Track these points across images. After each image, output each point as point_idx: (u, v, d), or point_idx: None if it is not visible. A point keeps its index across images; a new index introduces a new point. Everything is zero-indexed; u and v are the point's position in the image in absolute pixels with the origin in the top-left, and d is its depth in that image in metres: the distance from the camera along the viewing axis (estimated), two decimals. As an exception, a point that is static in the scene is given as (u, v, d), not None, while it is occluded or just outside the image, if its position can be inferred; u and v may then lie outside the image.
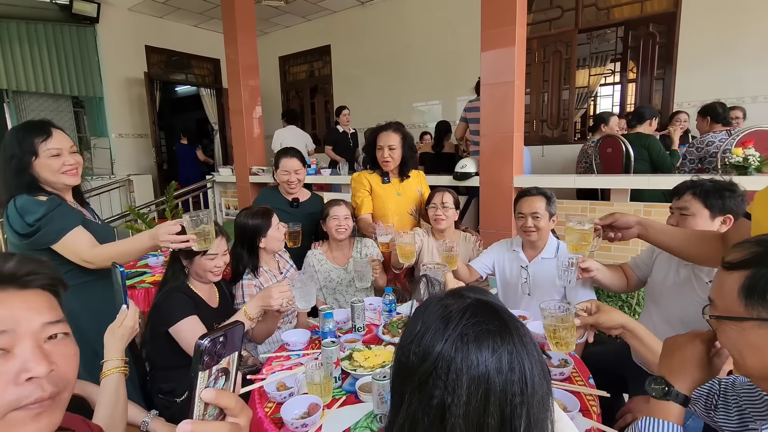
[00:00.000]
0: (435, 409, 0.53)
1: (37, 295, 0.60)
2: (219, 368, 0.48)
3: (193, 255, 1.59)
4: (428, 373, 0.54)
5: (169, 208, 4.18)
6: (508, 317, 0.58)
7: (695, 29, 4.24)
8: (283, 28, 7.41)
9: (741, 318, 0.65)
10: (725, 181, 1.45)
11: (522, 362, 0.53)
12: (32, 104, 5.76)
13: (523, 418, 0.52)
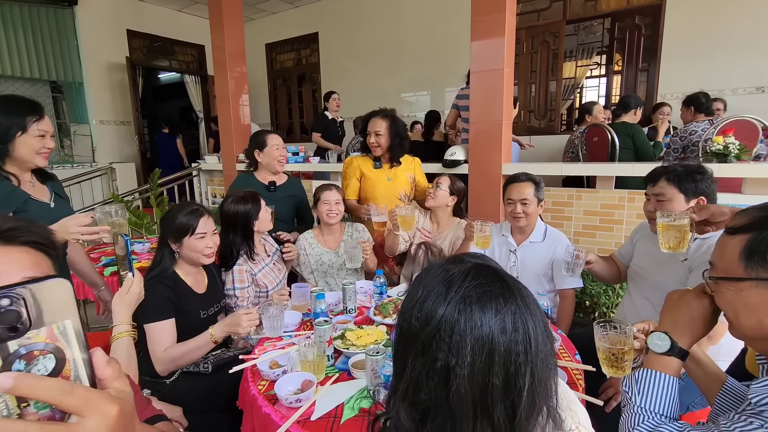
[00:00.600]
0: (439, 372, 0.53)
1: (23, 252, 0.58)
2: (28, 345, 0.34)
3: (182, 237, 1.57)
4: (431, 336, 0.54)
5: (154, 196, 4.10)
6: (510, 279, 0.58)
7: (680, 21, 4.31)
8: (270, 15, 7.28)
9: (740, 278, 0.67)
10: (694, 165, 1.50)
11: (525, 322, 0.53)
12: (8, 88, 5.55)
13: (527, 376, 0.52)
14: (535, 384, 0.52)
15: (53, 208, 1.51)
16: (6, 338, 0.33)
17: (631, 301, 1.71)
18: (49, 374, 0.35)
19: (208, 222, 1.60)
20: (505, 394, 0.52)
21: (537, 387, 0.52)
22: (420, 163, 2.59)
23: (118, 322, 1.10)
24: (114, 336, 1.09)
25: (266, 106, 7.81)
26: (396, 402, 0.57)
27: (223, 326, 1.50)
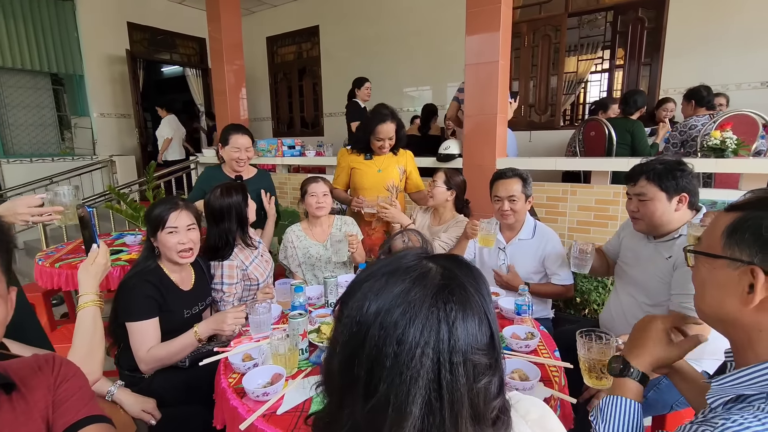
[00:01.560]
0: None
1: None
2: None
3: (156, 231, 1.54)
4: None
5: (150, 189, 4.10)
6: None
7: (683, 15, 4.22)
8: (271, 8, 7.24)
9: (716, 255, 0.65)
10: (674, 160, 1.45)
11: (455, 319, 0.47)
12: (9, 80, 5.57)
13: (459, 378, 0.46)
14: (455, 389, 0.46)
15: None
16: None
17: (617, 298, 1.68)
18: None
19: (180, 216, 1.55)
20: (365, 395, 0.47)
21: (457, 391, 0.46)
22: (412, 156, 2.56)
23: (84, 292, 1.10)
24: (79, 306, 1.08)
25: (267, 100, 7.79)
26: None
27: (209, 324, 1.49)
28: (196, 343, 1.48)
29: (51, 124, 6.06)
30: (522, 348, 1.28)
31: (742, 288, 0.62)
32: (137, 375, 1.49)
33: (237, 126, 2.40)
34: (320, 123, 7.17)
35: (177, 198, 1.65)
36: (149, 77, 7.96)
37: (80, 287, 1.10)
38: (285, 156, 4.32)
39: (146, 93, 6.94)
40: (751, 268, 0.60)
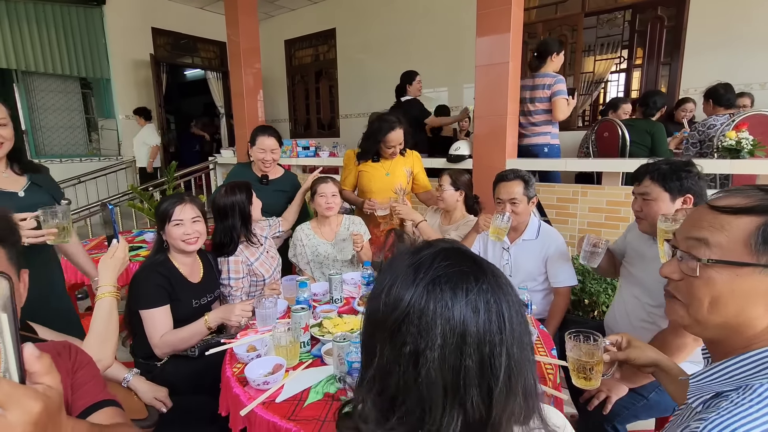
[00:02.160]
0: (408, 357, 0.50)
1: None
2: None
3: (164, 225, 1.63)
4: (399, 320, 0.51)
5: (170, 189, 4.24)
6: (481, 259, 0.55)
7: (704, 12, 4.12)
8: (289, 11, 7.37)
9: (746, 264, 0.60)
10: (680, 161, 1.44)
11: (499, 301, 0.51)
12: (41, 85, 5.85)
13: (503, 356, 0.50)
14: (512, 365, 0.50)
15: (22, 197, 1.51)
16: None
17: (621, 298, 1.67)
18: None
19: (184, 209, 1.63)
20: (480, 377, 0.49)
21: (513, 367, 0.50)
22: (419, 157, 2.58)
23: (102, 283, 1.17)
24: (98, 296, 1.16)
25: (285, 102, 7.93)
26: (362, 391, 0.56)
27: (218, 314, 1.58)
28: (205, 330, 1.56)
29: (79, 126, 6.33)
30: (518, 345, 1.29)
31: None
32: (151, 363, 1.57)
33: (265, 127, 2.45)
34: (336, 125, 7.26)
35: (182, 193, 1.74)
36: (172, 80, 8.22)
37: (100, 279, 1.18)
38: (300, 157, 4.40)
39: (169, 96, 7.18)
40: None
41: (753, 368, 0.58)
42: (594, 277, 2.35)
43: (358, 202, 2.47)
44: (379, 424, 0.52)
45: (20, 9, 5.42)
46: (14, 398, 0.37)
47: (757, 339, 0.61)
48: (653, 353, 0.99)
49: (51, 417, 0.40)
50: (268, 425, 1.02)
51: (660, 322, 1.50)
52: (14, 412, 0.36)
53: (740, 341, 0.62)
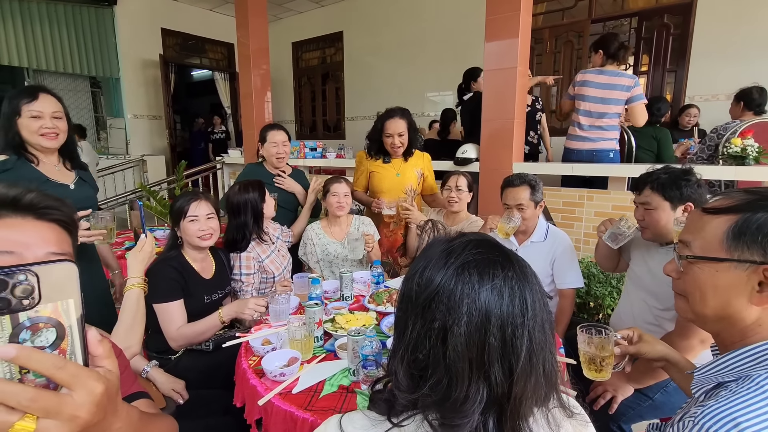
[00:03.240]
0: (436, 332, 0.55)
1: (50, 228, 0.64)
2: (35, 318, 0.38)
3: (179, 221, 1.66)
4: (430, 298, 0.56)
5: (179, 187, 4.30)
6: (509, 251, 0.60)
7: (711, 20, 4.15)
8: (297, 14, 7.45)
9: (722, 259, 0.66)
10: (680, 169, 1.45)
11: (522, 288, 0.55)
12: (51, 83, 5.93)
13: (524, 338, 0.54)
14: (533, 346, 0.54)
15: (73, 190, 1.63)
16: (18, 309, 0.37)
17: (628, 301, 1.69)
18: (50, 345, 0.39)
19: (199, 206, 1.67)
20: (503, 354, 0.54)
21: (534, 348, 0.54)
22: (430, 159, 2.61)
23: (131, 275, 1.23)
24: (126, 287, 1.21)
25: (291, 104, 8.00)
26: (395, 362, 0.60)
27: (232, 308, 1.61)
28: (219, 324, 1.60)
29: (88, 125, 6.40)
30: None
31: (751, 287, 0.63)
32: (164, 356, 1.60)
33: (273, 124, 2.53)
34: (342, 126, 7.31)
35: (198, 190, 1.78)
36: (180, 80, 8.30)
37: (129, 271, 1.24)
38: (307, 158, 4.45)
39: (177, 96, 7.25)
40: (764, 268, 0.62)
41: (753, 360, 0.62)
42: (599, 280, 2.38)
43: (369, 203, 2.50)
44: (410, 392, 0.57)
45: (33, 8, 5.50)
46: (80, 379, 0.39)
47: (751, 331, 0.65)
48: (663, 347, 1.03)
49: (110, 398, 0.42)
50: (285, 415, 1.05)
51: (666, 325, 1.53)
52: (80, 392, 0.39)
53: (735, 333, 0.67)
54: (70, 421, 0.38)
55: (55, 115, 1.54)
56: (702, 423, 0.57)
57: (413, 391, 0.57)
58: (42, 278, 0.39)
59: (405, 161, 2.48)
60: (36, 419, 0.36)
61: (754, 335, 0.64)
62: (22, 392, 0.36)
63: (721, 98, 4.10)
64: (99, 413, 0.40)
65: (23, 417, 0.36)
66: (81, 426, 0.39)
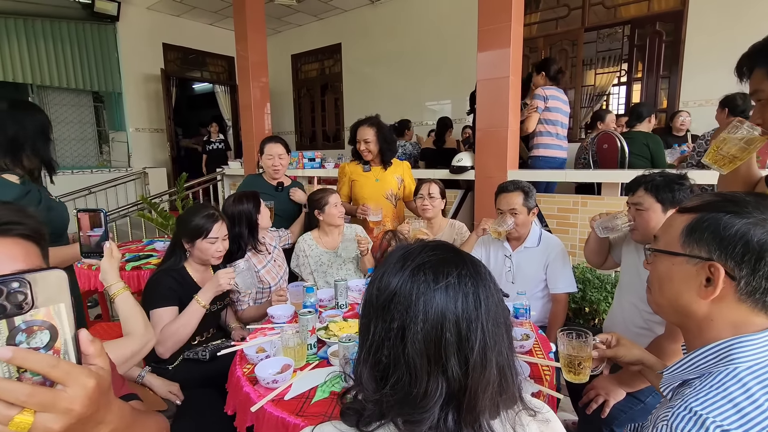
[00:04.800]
0: (395, 331, 0.57)
1: (14, 243, 0.62)
2: (29, 321, 0.42)
3: (196, 238, 1.68)
4: (389, 300, 0.59)
5: (180, 199, 4.35)
6: (465, 253, 0.63)
7: (702, 27, 4.21)
8: (296, 27, 7.57)
9: (676, 253, 0.71)
10: (675, 174, 1.49)
11: (476, 285, 0.58)
12: (55, 98, 6.03)
13: (478, 332, 0.56)
14: (487, 339, 0.57)
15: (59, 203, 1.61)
16: (13, 314, 0.41)
17: (619, 306, 1.71)
18: (44, 346, 0.42)
19: (221, 228, 1.70)
20: (459, 348, 0.56)
21: (488, 342, 0.57)
22: (409, 167, 2.70)
23: (112, 282, 1.21)
24: (114, 294, 1.21)
25: (291, 115, 8.09)
26: (360, 367, 0.62)
27: (208, 289, 1.62)
28: (201, 310, 1.60)
29: (91, 139, 6.50)
30: (517, 348, 1.34)
31: (699, 282, 0.67)
32: (162, 366, 1.62)
33: (271, 137, 2.60)
34: (341, 136, 7.39)
35: (213, 208, 1.78)
36: (181, 94, 8.41)
37: (108, 279, 1.22)
38: (306, 168, 4.50)
39: (178, 109, 7.35)
40: (710, 264, 0.65)
41: (714, 357, 0.64)
42: (595, 285, 2.39)
43: (353, 210, 2.57)
44: (375, 392, 0.60)
45: (37, 26, 5.62)
46: (73, 376, 0.42)
47: (705, 326, 0.68)
48: (639, 351, 1.06)
49: (102, 393, 0.46)
50: (278, 421, 1.07)
51: (656, 329, 1.54)
52: (73, 388, 0.42)
53: (693, 327, 0.70)
54: (64, 414, 0.41)
55: None
56: (673, 425, 0.59)
57: (377, 392, 0.59)
58: (34, 285, 0.42)
59: (384, 169, 2.57)
60: (33, 413, 0.40)
61: (710, 331, 0.67)
62: (20, 389, 0.39)
63: (715, 103, 4.12)
64: (92, 406, 0.43)
65: (22, 411, 0.39)
66: (75, 418, 0.42)
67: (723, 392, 0.59)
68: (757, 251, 0.62)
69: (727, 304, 0.65)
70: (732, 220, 0.64)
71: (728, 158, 1.07)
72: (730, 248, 0.64)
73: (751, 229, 0.63)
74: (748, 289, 0.63)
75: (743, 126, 1.06)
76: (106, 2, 5.90)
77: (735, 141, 1.05)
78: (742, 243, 0.63)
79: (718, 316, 0.67)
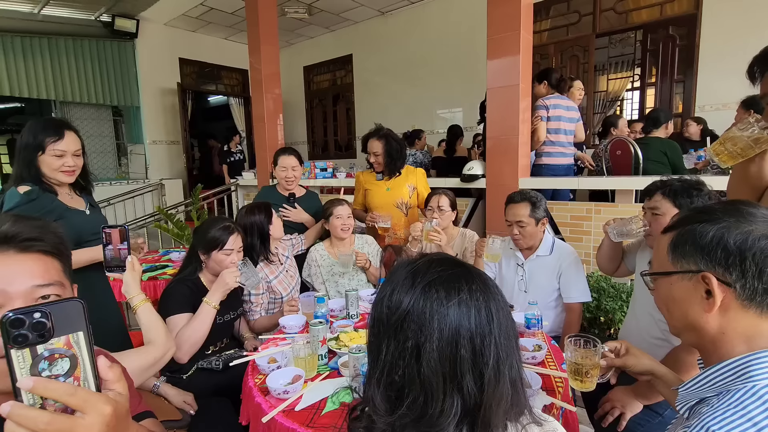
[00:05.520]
0: (410, 350, 0.57)
1: (35, 260, 0.65)
2: (51, 349, 0.44)
3: (211, 250, 1.72)
4: (401, 319, 0.58)
5: (195, 210, 4.43)
6: (472, 267, 0.63)
7: (717, 31, 4.15)
8: (308, 39, 7.70)
9: (667, 272, 0.71)
10: (693, 180, 1.46)
11: (487, 299, 0.58)
12: (77, 113, 6.23)
13: (492, 346, 0.56)
14: (500, 353, 0.57)
15: (89, 216, 1.69)
16: (36, 342, 0.44)
17: (634, 315, 1.68)
18: (65, 373, 0.45)
19: (236, 240, 1.74)
20: (474, 364, 0.56)
21: (501, 356, 0.57)
22: (423, 174, 2.71)
23: (134, 294, 1.27)
24: (136, 305, 1.26)
25: (304, 125, 8.20)
26: (372, 388, 0.61)
27: (216, 289, 1.64)
28: (212, 311, 1.62)
29: (110, 151, 6.69)
30: (529, 360, 1.33)
31: (700, 295, 0.66)
32: (177, 375, 1.65)
33: (284, 148, 2.63)
34: (353, 146, 7.45)
35: (229, 220, 1.82)
36: (197, 106, 8.61)
37: (130, 291, 1.28)
38: (318, 178, 4.54)
39: (193, 121, 7.52)
40: (702, 275, 0.65)
41: (732, 374, 0.63)
42: (610, 294, 2.35)
43: (363, 218, 2.62)
44: (389, 414, 0.59)
45: (61, 44, 5.85)
46: (90, 403, 0.44)
47: (719, 341, 0.66)
48: (649, 361, 1.04)
49: (120, 419, 0.48)
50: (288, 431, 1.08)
51: (673, 340, 1.50)
52: (91, 415, 0.44)
53: (708, 344, 0.68)
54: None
55: (77, 153, 1.59)
56: None
57: (391, 413, 0.58)
58: (54, 315, 0.45)
59: (392, 177, 2.60)
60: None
61: (724, 345, 0.66)
62: (39, 417, 0.42)
63: (731, 107, 4.05)
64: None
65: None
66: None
67: (742, 410, 0.57)
68: (738, 253, 0.62)
69: (734, 313, 0.64)
70: (705, 228, 0.65)
71: (732, 153, 1.06)
72: (713, 255, 0.64)
73: (725, 233, 0.64)
74: (746, 293, 0.63)
75: (755, 124, 1.05)
76: (126, 20, 6.10)
77: (742, 137, 1.04)
78: (721, 247, 0.64)
79: (728, 327, 0.65)
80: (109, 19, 5.99)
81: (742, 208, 0.66)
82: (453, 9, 5.89)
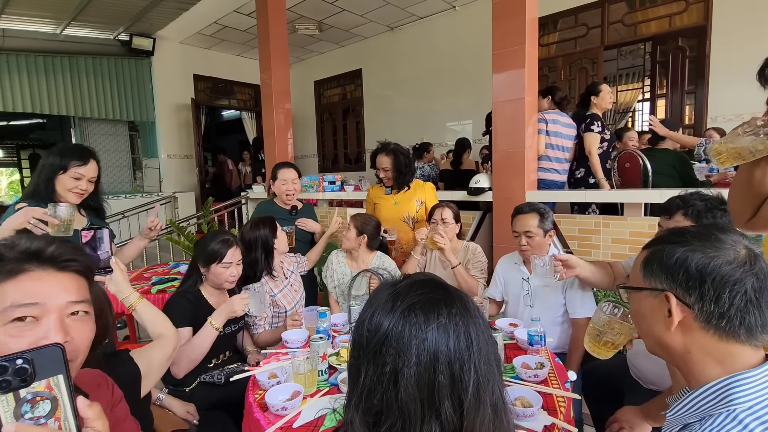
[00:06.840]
0: (388, 376, 0.55)
1: (70, 278, 0.70)
2: (33, 392, 0.47)
3: (210, 263, 1.74)
4: (380, 343, 0.57)
5: (206, 222, 4.49)
6: (451, 288, 0.62)
7: (727, 41, 4.11)
8: (318, 55, 7.84)
9: (637, 288, 0.73)
10: (715, 198, 1.39)
11: (466, 323, 0.57)
12: (95, 129, 6.44)
13: (471, 372, 0.55)
14: (480, 379, 0.56)
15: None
16: (18, 387, 0.47)
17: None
18: (47, 414, 0.48)
19: (235, 253, 1.75)
20: (452, 390, 0.55)
21: (481, 381, 0.56)
22: (432, 188, 2.71)
23: (127, 294, 1.27)
24: (133, 304, 1.27)
25: (314, 138, 8.31)
26: (351, 411, 0.60)
27: (223, 312, 1.66)
28: (214, 332, 1.63)
29: (126, 166, 6.86)
30: (531, 378, 1.31)
31: (663, 314, 0.68)
32: (179, 389, 1.66)
33: (283, 162, 2.68)
34: (363, 159, 7.51)
35: (229, 233, 1.84)
36: (210, 120, 8.81)
37: (123, 291, 1.27)
38: (326, 191, 4.58)
39: (206, 135, 7.69)
40: (665, 294, 0.67)
41: (713, 399, 0.62)
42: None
43: None
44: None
45: (80, 63, 6.06)
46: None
47: (689, 360, 0.67)
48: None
49: None
50: (285, 449, 1.07)
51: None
52: None
53: (679, 361, 0.70)
54: None
55: (92, 179, 1.69)
56: None
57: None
58: (35, 360, 0.48)
59: (400, 191, 2.61)
60: None
61: (695, 364, 0.67)
62: None
63: (746, 117, 3.99)
64: None
65: None
66: None
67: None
68: (699, 277, 0.64)
69: (695, 334, 0.66)
70: (673, 250, 0.68)
71: (731, 155, 1.03)
72: (675, 276, 0.66)
73: (689, 255, 0.65)
74: (703, 315, 0.64)
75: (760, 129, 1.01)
76: (143, 39, 6.31)
77: (744, 141, 1.02)
78: (683, 270, 0.66)
79: (692, 347, 0.67)
80: (127, 38, 6.20)
81: (712, 233, 0.68)
82: (460, 24, 5.96)
